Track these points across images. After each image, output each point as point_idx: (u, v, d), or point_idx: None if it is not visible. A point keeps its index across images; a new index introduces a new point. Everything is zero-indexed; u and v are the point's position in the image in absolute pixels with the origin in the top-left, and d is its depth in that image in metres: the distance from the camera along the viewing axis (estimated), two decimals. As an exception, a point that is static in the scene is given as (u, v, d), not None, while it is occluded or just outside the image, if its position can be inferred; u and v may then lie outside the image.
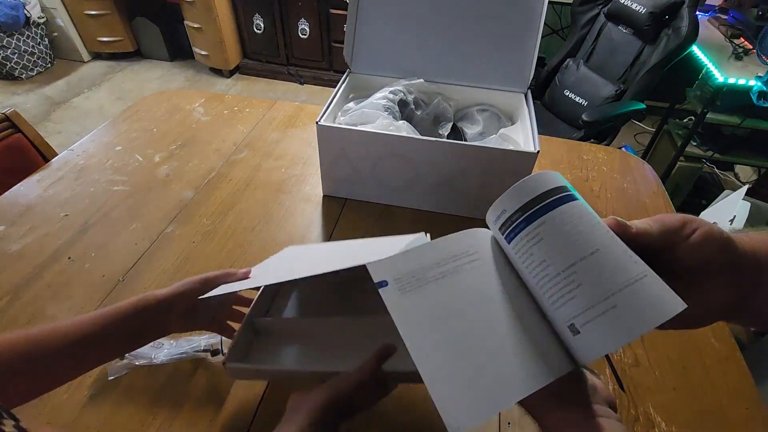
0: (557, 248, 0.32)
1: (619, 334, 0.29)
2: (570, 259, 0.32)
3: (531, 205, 0.34)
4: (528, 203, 0.35)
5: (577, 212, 0.33)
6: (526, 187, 0.35)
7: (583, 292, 0.31)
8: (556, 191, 0.34)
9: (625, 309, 0.29)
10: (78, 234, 0.84)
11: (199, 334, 0.66)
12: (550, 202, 0.34)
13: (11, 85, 2.83)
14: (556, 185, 0.35)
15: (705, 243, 0.30)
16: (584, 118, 1.46)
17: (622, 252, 0.31)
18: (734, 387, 0.66)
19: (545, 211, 0.34)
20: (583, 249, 0.31)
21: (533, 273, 0.34)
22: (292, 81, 3.05)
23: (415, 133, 0.87)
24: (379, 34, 0.97)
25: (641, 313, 0.29)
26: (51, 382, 0.46)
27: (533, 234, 0.34)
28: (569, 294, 0.31)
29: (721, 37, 1.91)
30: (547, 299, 0.33)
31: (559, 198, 0.34)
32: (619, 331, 0.29)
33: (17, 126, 1.06)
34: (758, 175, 2.24)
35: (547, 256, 0.33)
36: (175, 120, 1.19)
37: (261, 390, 0.62)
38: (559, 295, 0.32)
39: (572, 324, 0.31)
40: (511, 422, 0.60)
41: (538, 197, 0.34)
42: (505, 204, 0.36)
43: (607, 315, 0.30)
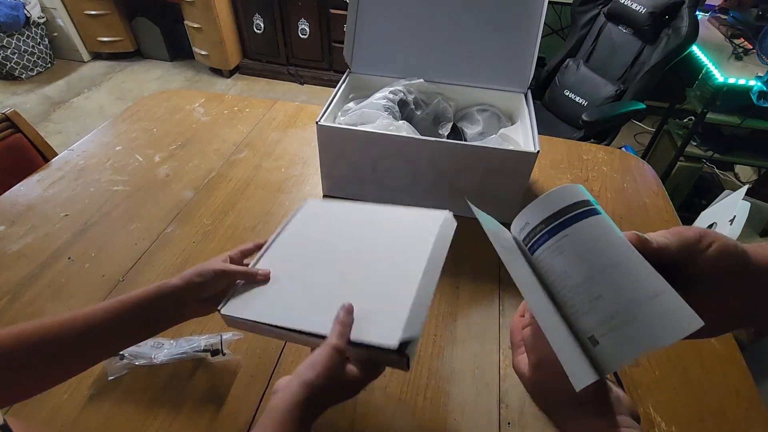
0: (578, 260, 0.33)
1: (637, 347, 0.30)
2: (590, 271, 0.32)
3: (554, 218, 0.35)
4: (551, 216, 0.36)
5: (599, 226, 0.34)
6: (549, 200, 0.36)
7: (603, 303, 0.31)
8: (579, 205, 0.35)
9: (644, 323, 0.30)
10: (78, 234, 0.84)
11: (198, 334, 0.67)
12: (573, 216, 0.35)
13: (11, 85, 2.83)
14: (580, 199, 0.35)
15: (722, 256, 0.31)
16: (584, 118, 1.46)
17: (642, 266, 0.31)
18: (734, 387, 0.66)
19: (568, 224, 0.35)
20: (603, 262, 0.32)
21: (555, 283, 0.35)
22: (292, 81, 3.05)
23: (415, 133, 0.87)
24: (379, 34, 0.97)
25: (660, 327, 0.29)
26: (65, 372, 0.45)
27: (555, 246, 0.35)
28: (589, 304, 0.32)
29: (721, 37, 1.91)
30: (569, 308, 0.34)
31: (582, 212, 0.35)
32: (638, 344, 0.30)
33: (17, 126, 1.06)
34: (758, 175, 2.24)
35: (568, 267, 0.34)
36: (175, 120, 1.19)
37: (261, 390, 0.62)
38: (579, 306, 0.33)
39: (592, 335, 0.32)
40: (511, 422, 0.60)
41: (561, 211, 0.35)
42: (528, 217, 0.38)
43: (626, 328, 0.30)
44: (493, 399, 0.63)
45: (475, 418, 0.61)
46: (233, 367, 0.65)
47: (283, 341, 0.68)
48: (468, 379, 0.65)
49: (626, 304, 0.31)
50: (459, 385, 0.64)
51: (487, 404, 0.62)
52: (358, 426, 0.59)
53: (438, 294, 0.77)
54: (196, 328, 0.68)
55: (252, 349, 0.67)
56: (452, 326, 0.72)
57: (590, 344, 0.32)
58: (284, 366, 0.65)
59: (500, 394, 0.63)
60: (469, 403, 0.62)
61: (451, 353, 0.68)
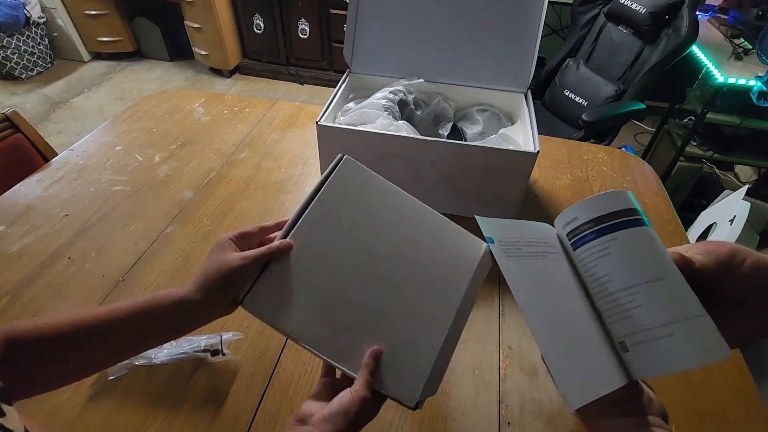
0: (624, 266, 0.34)
1: (666, 365, 0.31)
2: (635, 280, 0.33)
3: (605, 219, 0.36)
4: (602, 216, 0.36)
5: (647, 237, 0.35)
6: (602, 201, 0.36)
7: (641, 313, 0.32)
8: (631, 212, 0.35)
9: (678, 343, 0.31)
10: (78, 234, 0.84)
11: (199, 333, 0.66)
12: (624, 222, 0.35)
13: (11, 85, 2.83)
14: (631, 207, 0.36)
15: (755, 273, 0.32)
16: (584, 118, 1.46)
17: (684, 286, 0.32)
18: (734, 387, 0.66)
19: (618, 228, 0.35)
20: (649, 273, 0.33)
21: (594, 284, 0.35)
22: (292, 81, 3.05)
23: (415, 133, 0.87)
24: (379, 34, 0.97)
25: (692, 350, 0.30)
26: (92, 367, 0.44)
27: (602, 247, 0.35)
28: (626, 312, 0.33)
29: (721, 37, 1.91)
30: (604, 311, 0.35)
31: (633, 219, 0.35)
32: (668, 362, 0.31)
33: (17, 126, 1.06)
34: (758, 175, 2.24)
35: (611, 270, 0.34)
36: (175, 120, 1.19)
37: (261, 390, 0.62)
38: (616, 310, 0.33)
39: (623, 341, 0.33)
40: (511, 422, 0.60)
41: (613, 213, 0.35)
42: (578, 212, 0.38)
43: (660, 343, 0.31)
44: (493, 399, 0.63)
45: (475, 418, 0.61)
46: (233, 368, 0.65)
47: (282, 342, 0.68)
48: (468, 379, 0.65)
49: (665, 321, 0.31)
50: (459, 385, 0.64)
51: (487, 404, 0.62)
52: (358, 426, 0.59)
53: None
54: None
55: (252, 349, 0.67)
56: (452, 326, 0.72)
57: (620, 349, 0.33)
58: (284, 366, 0.65)
59: (500, 394, 0.63)
60: (469, 403, 0.62)
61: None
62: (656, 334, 0.31)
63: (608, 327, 0.34)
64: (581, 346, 0.34)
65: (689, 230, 1.65)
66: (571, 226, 0.38)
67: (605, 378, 0.32)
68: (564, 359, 0.33)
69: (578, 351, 0.34)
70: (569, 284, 0.36)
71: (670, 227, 0.93)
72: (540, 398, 0.63)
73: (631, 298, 0.33)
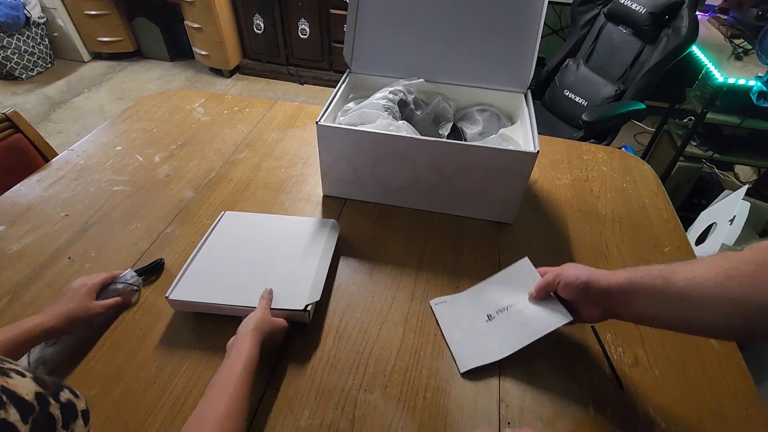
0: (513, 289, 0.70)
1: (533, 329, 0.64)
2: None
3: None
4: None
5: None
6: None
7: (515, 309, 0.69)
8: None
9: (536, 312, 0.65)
10: (78, 234, 0.85)
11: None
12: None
13: (11, 85, 2.83)
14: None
15: (565, 289, 0.59)
16: (584, 118, 1.46)
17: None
18: (734, 387, 0.66)
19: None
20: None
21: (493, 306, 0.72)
22: (292, 81, 3.05)
23: (415, 133, 0.87)
24: (379, 34, 0.97)
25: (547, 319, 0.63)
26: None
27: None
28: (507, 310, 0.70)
29: (721, 37, 1.91)
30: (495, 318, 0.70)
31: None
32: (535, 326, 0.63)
33: (17, 126, 1.06)
34: (758, 175, 2.24)
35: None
36: (175, 120, 1.19)
37: (261, 389, 0.62)
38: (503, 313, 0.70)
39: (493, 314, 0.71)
40: (511, 422, 0.60)
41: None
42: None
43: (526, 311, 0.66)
44: (493, 399, 0.63)
45: (475, 418, 0.61)
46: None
47: (282, 343, 0.68)
48: (468, 379, 0.65)
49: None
50: (459, 385, 0.64)
51: (487, 404, 0.62)
52: (358, 426, 0.59)
53: (438, 293, 0.77)
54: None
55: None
56: (452, 326, 0.72)
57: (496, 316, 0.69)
58: (284, 366, 0.65)
59: (500, 394, 0.63)
60: (469, 403, 0.62)
61: (451, 353, 0.68)
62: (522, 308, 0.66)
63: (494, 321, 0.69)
64: (475, 336, 0.68)
65: (689, 230, 1.65)
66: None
67: (488, 355, 0.65)
68: (461, 343, 0.68)
69: (472, 339, 0.68)
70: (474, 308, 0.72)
71: (669, 227, 0.93)
72: (540, 398, 0.63)
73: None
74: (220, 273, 0.73)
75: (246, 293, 0.68)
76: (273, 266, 0.74)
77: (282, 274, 0.72)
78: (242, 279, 0.71)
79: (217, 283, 0.70)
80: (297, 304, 0.67)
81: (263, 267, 0.74)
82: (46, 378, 0.34)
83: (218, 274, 0.72)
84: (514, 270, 0.71)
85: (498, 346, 0.65)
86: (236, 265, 0.74)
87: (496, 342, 0.65)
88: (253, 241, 0.79)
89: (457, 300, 0.74)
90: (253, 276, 0.72)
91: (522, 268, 0.70)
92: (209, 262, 0.74)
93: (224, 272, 0.73)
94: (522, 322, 0.65)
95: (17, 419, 0.28)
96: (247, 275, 0.72)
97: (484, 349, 0.65)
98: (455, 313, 0.71)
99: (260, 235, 0.80)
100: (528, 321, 0.64)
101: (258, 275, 0.72)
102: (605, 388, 0.65)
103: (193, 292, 0.69)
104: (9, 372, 0.31)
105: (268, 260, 0.75)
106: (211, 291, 0.69)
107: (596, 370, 0.67)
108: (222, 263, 0.74)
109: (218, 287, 0.70)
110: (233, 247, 0.78)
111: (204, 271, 0.73)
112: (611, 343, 0.71)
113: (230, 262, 0.75)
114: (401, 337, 0.70)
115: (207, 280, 0.71)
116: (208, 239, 0.79)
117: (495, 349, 0.65)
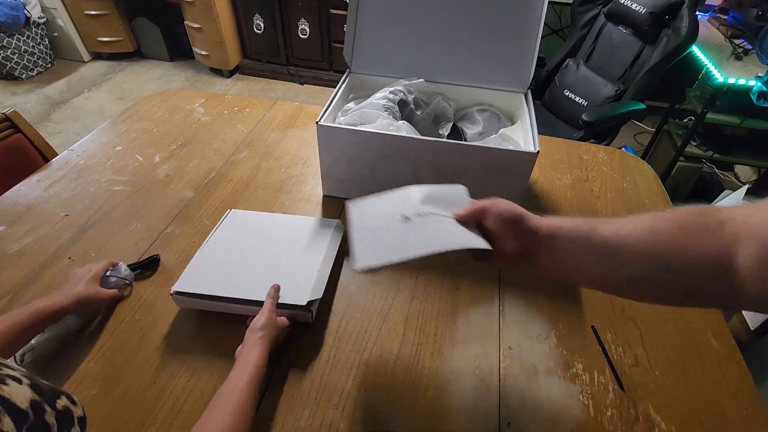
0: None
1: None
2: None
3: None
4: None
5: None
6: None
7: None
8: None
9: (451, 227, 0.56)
10: (78, 234, 0.85)
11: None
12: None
13: (11, 85, 2.83)
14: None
15: (497, 219, 0.53)
16: (584, 118, 1.45)
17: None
18: (734, 387, 0.66)
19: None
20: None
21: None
22: (292, 81, 3.05)
23: (415, 133, 0.87)
24: (379, 34, 0.97)
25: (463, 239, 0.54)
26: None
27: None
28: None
29: (721, 37, 1.91)
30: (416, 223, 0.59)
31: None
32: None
33: (17, 126, 1.06)
34: (758, 175, 2.24)
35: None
36: (175, 120, 1.19)
37: (262, 389, 0.62)
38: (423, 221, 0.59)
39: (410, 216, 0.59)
40: (511, 422, 0.60)
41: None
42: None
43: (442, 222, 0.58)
44: (493, 399, 0.63)
45: (475, 418, 0.61)
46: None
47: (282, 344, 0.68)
48: (468, 379, 0.65)
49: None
50: (459, 385, 0.64)
51: (487, 404, 0.62)
52: (358, 426, 0.59)
53: (438, 294, 0.77)
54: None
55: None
56: (452, 326, 0.72)
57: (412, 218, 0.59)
58: (284, 366, 0.65)
59: (500, 394, 0.63)
60: (469, 403, 0.62)
61: (451, 353, 0.68)
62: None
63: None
64: (383, 234, 0.57)
65: (689, 230, 1.65)
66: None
67: (392, 255, 0.52)
68: (364, 241, 0.56)
69: (378, 237, 0.56)
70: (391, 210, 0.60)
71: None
72: (540, 398, 0.63)
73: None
74: (224, 268, 0.73)
75: (250, 288, 0.68)
76: (277, 263, 0.74)
77: (286, 271, 0.73)
78: (247, 274, 0.72)
79: (221, 278, 0.71)
80: (300, 300, 0.67)
81: (268, 263, 0.74)
82: (44, 384, 0.34)
83: (223, 268, 0.73)
84: (448, 189, 0.67)
85: (406, 247, 0.55)
86: (241, 261, 0.75)
87: (405, 243, 0.56)
88: (257, 239, 0.79)
89: (377, 201, 0.67)
90: (257, 271, 0.72)
91: (455, 190, 0.66)
92: (214, 257, 0.75)
93: (229, 267, 0.73)
94: (439, 230, 0.57)
95: (11, 429, 0.28)
96: (251, 270, 0.73)
97: (390, 247, 0.56)
98: (370, 213, 0.63)
99: (265, 233, 0.81)
100: (446, 233, 0.56)
101: (262, 271, 0.72)
102: (605, 388, 0.65)
103: (197, 285, 0.69)
104: (5, 379, 0.31)
105: (273, 257, 0.75)
106: (216, 285, 0.69)
107: (596, 370, 0.67)
108: (227, 259, 0.75)
109: (223, 281, 0.70)
110: (238, 244, 0.78)
111: (209, 265, 0.73)
112: (611, 343, 0.71)
113: (235, 258, 0.75)
114: (401, 337, 0.70)
115: (211, 274, 0.71)
116: (213, 235, 0.79)
117: (402, 250, 0.55)
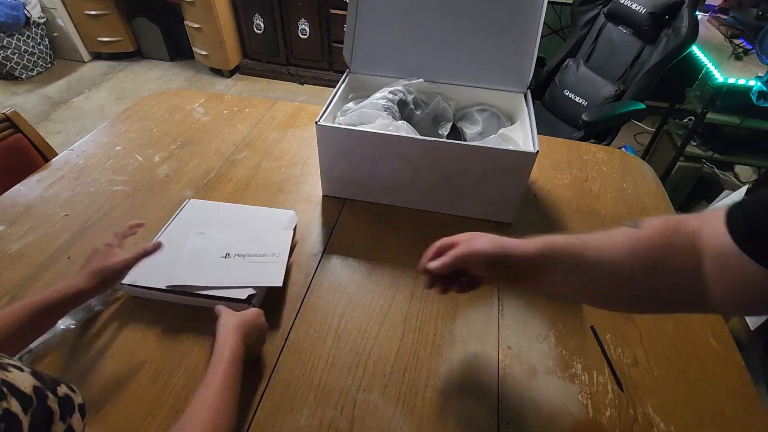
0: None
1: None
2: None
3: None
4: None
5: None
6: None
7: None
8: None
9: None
10: (78, 234, 0.85)
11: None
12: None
13: (11, 85, 2.83)
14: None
15: (476, 267, 0.52)
16: (584, 118, 1.46)
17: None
18: (733, 387, 0.66)
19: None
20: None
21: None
22: (292, 81, 3.05)
23: (415, 133, 0.87)
24: (379, 34, 0.97)
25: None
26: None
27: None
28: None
29: (721, 37, 1.91)
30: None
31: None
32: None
33: (17, 126, 1.06)
34: (758, 175, 2.24)
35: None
36: (175, 120, 1.19)
37: (262, 389, 0.62)
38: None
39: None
40: (510, 422, 0.60)
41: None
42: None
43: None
44: (492, 399, 0.63)
45: (474, 417, 0.61)
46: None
47: (282, 342, 0.68)
48: (468, 379, 0.65)
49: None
50: (459, 385, 0.64)
51: (486, 404, 0.62)
52: (357, 426, 0.59)
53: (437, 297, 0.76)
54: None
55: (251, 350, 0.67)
56: (452, 326, 0.72)
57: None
58: (283, 366, 0.65)
59: (499, 394, 0.64)
60: (468, 403, 0.62)
61: (451, 353, 0.68)
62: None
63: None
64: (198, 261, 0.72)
65: (689, 230, 1.65)
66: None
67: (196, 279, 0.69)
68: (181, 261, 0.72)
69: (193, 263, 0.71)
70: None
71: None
72: (539, 398, 0.63)
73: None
74: (171, 259, 0.73)
75: (195, 275, 0.71)
76: (229, 253, 0.76)
77: (236, 261, 0.74)
78: (193, 264, 0.73)
79: (166, 269, 0.71)
80: (274, 282, 0.71)
81: (216, 253, 0.75)
82: (44, 373, 0.34)
83: (170, 259, 0.72)
84: (279, 215, 0.81)
85: (207, 278, 0.70)
86: (188, 251, 0.75)
87: (210, 274, 0.71)
88: (211, 229, 0.80)
89: (213, 216, 0.84)
90: (204, 260, 0.74)
91: (286, 216, 0.78)
92: (167, 248, 0.70)
93: (176, 258, 0.74)
94: (244, 270, 0.71)
95: (19, 410, 0.28)
96: (198, 261, 0.74)
97: (195, 274, 0.71)
98: (202, 225, 0.81)
99: (220, 223, 0.83)
100: (247, 272, 0.71)
101: (211, 260, 0.74)
102: (604, 388, 0.65)
103: (143, 277, 0.70)
104: (7, 366, 0.31)
105: (224, 248, 0.76)
106: (160, 276, 0.71)
107: (595, 370, 0.67)
108: (176, 250, 0.75)
109: (169, 272, 0.71)
110: (190, 234, 0.78)
111: (158, 257, 0.68)
112: (611, 343, 0.71)
113: (186, 249, 0.76)
114: (401, 337, 0.70)
115: (159, 265, 0.71)
116: (168, 227, 0.81)
117: (202, 279, 0.70)
